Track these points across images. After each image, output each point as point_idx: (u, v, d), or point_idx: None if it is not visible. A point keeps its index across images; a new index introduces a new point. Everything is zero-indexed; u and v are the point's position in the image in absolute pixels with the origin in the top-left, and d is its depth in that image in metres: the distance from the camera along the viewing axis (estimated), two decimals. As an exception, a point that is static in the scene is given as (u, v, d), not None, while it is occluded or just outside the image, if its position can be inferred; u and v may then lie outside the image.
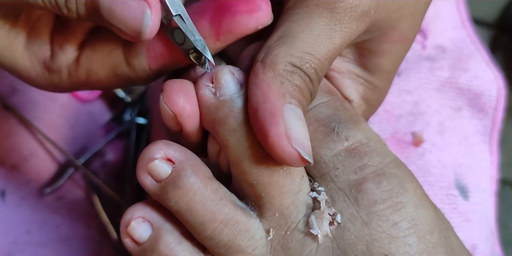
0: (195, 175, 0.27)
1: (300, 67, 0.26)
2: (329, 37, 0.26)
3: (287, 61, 0.26)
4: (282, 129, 0.24)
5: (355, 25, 0.27)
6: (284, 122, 0.24)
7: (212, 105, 0.27)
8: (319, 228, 0.27)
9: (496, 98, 0.47)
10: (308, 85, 0.26)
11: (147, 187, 0.28)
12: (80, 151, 0.47)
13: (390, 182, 0.27)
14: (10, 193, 0.44)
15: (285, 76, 0.25)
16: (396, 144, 0.44)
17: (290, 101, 0.25)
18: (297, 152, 0.24)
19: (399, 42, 0.30)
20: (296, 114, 0.25)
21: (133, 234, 0.28)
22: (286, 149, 0.24)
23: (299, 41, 0.26)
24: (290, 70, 0.26)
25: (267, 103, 0.25)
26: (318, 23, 0.26)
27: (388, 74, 0.31)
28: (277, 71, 0.25)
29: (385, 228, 0.26)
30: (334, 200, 0.27)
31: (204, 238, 0.27)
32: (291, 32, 0.27)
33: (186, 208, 0.27)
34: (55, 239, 0.44)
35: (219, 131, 0.27)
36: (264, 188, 0.27)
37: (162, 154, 0.27)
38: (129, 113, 0.49)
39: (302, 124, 0.25)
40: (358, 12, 0.27)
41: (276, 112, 0.25)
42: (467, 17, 0.51)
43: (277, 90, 0.25)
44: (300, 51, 0.26)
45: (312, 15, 0.27)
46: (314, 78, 0.26)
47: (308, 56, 0.26)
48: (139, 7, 0.25)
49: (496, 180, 0.46)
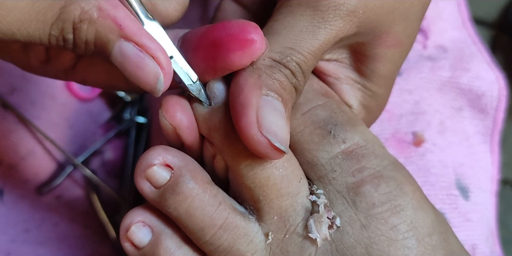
0: (194, 181, 0.27)
1: (280, 62, 0.26)
2: (312, 33, 0.27)
3: (266, 56, 0.26)
4: (252, 118, 0.24)
5: (341, 23, 0.27)
6: (256, 112, 0.24)
7: (206, 113, 0.27)
8: (318, 231, 0.26)
9: (497, 98, 0.47)
10: (290, 78, 0.26)
11: (145, 193, 0.27)
12: (79, 150, 0.47)
13: (389, 185, 0.27)
14: (8, 192, 0.44)
15: (263, 70, 0.26)
16: (397, 144, 0.44)
17: (267, 93, 0.25)
18: (267, 140, 0.24)
19: (394, 47, 0.29)
20: (272, 105, 0.25)
21: (133, 238, 0.28)
22: (255, 137, 0.24)
23: (280, 37, 0.27)
24: (269, 65, 0.26)
25: (241, 96, 0.25)
26: (300, 21, 0.27)
27: (385, 80, 0.31)
28: (256, 65, 0.26)
29: (384, 231, 0.26)
30: (333, 202, 0.27)
31: (204, 243, 0.27)
32: (273, 29, 0.27)
33: (185, 214, 0.27)
34: (53, 238, 0.44)
35: (215, 136, 0.27)
36: (262, 191, 0.27)
37: (161, 160, 0.27)
38: (129, 112, 0.49)
39: (278, 114, 0.25)
40: (343, 11, 0.27)
41: (247, 102, 0.25)
42: (468, 17, 0.51)
43: (253, 83, 0.25)
44: (281, 46, 0.26)
45: (295, 13, 0.27)
46: (297, 71, 0.26)
47: (289, 51, 0.26)
48: (152, 72, 0.24)
49: (496, 180, 0.46)
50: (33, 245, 0.43)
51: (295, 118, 0.29)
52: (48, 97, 0.47)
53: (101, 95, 0.51)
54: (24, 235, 0.43)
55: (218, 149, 0.28)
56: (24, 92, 0.46)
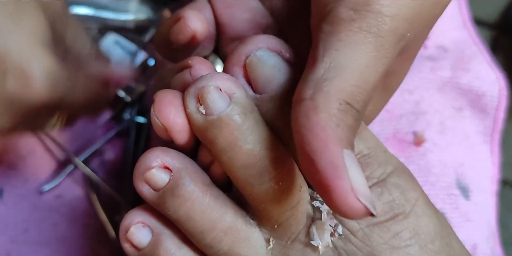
0: (194, 183, 0.26)
1: (351, 104, 0.23)
2: (375, 65, 0.24)
3: (340, 98, 0.22)
4: (347, 183, 0.21)
5: (395, 49, 0.24)
6: (347, 174, 0.21)
7: (200, 125, 0.25)
8: (320, 239, 0.26)
9: (498, 98, 0.47)
10: (358, 122, 0.23)
11: (144, 195, 0.27)
12: (79, 150, 0.47)
13: (392, 193, 0.27)
14: (8, 191, 0.44)
15: (340, 117, 0.22)
16: (398, 144, 0.44)
17: (347, 146, 0.22)
18: (364, 207, 0.21)
19: (411, 59, 0.28)
20: (354, 161, 0.22)
21: (133, 239, 0.27)
22: (354, 205, 0.21)
23: (348, 74, 0.23)
24: (344, 109, 0.22)
25: (326, 152, 0.21)
26: (364, 51, 0.23)
27: (391, 93, 0.30)
28: (332, 111, 0.22)
29: (387, 239, 0.26)
30: None
31: (204, 246, 0.27)
32: (340, 63, 0.23)
33: (185, 216, 0.26)
34: (53, 237, 0.44)
35: (211, 149, 0.26)
36: (261, 203, 0.26)
37: (159, 162, 0.26)
38: (129, 112, 0.49)
39: (361, 171, 0.22)
40: (397, 36, 0.24)
41: (338, 163, 0.21)
42: (469, 18, 0.51)
43: (334, 135, 0.22)
44: (349, 85, 0.23)
45: (357, 41, 0.24)
46: (362, 108, 0.24)
47: (357, 89, 0.23)
48: None
49: (497, 180, 0.46)
50: (32, 245, 0.43)
51: None
52: (48, 96, 0.47)
53: (101, 95, 0.51)
54: (24, 235, 0.43)
55: (215, 158, 0.27)
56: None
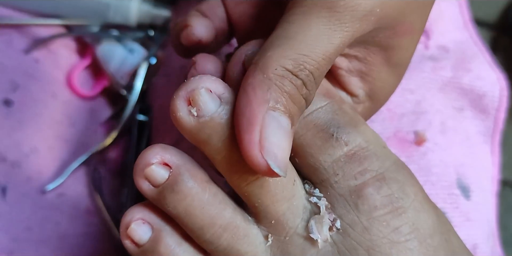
0: (193, 179, 0.27)
1: (292, 71, 0.24)
2: (328, 37, 0.25)
3: (279, 64, 0.24)
4: (256, 138, 0.23)
5: (358, 24, 0.26)
6: (260, 130, 0.23)
7: (193, 127, 0.26)
8: (319, 232, 0.26)
9: (499, 99, 0.47)
10: (301, 89, 0.25)
11: (144, 192, 0.27)
12: (81, 148, 0.47)
13: (391, 187, 0.27)
14: (11, 190, 0.44)
15: (273, 81, 0.24)
16: (399, 143, 0.44)
17: (274, 107, 0.24)
18: (267, 164, 0.23)
19: (408, 34, 0.29)
20: (277, 122, 0.24)
21: (133, 236, 0.28)
22: (255, 159, 0.23)
23: (295, 42, 0.25)
24: (281, 75, 0.24)
25: (247, 109, 0.24)
26: (316, 23, 0.25)
27: (398, 69, 0.30)
28: (267, 74, 0.24)
29: (386, 233, 0.26)
30: (334, 206, 0.27)
31: (203, 242, 0.27)
32: (288, 33, 0.25)
33: (185, 212, 0.26)
34: (55, 236, 0.44)
35: (205, 150, 0.26)
36: (257, 199, 0.27)
37: (159, 158, 0.27)
38: (131, 110, 0.49)
39: (282, 133, 0.24)
40: (360, 11, 0.25)
41: (253, 119, 0.23)
42: (469, 18, 0.52)
43: (261, 95, 0.24)
44: (295, 52, 0.25)
45: (310, 15, 0.25)
46: (309, 81, 0.25)
47: (303, 58, 0.25)
48: None
49: (497, 181, 0.47)
50: (35, 244, 0.43)
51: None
52: (50, 95, 0.47)
53: (102, 93, 0.51)
54: (26, 233, 0.43)
55: (209, 158, 0.27)
56: (26, 89, 0.46)
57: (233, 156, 0.25)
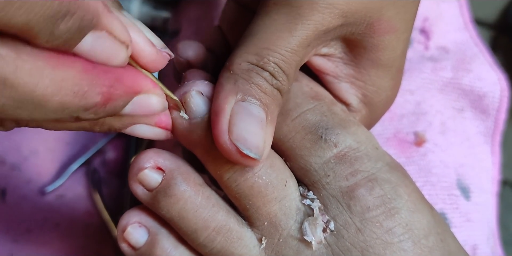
0: (186, 183, 0.27)
1: (257, 64, 0.26)
2: (289, 30, 0.26)
3: (243, 59, 0.26)
4: (224, 126, 0.24)
5: (319, 17, 0.26)
6: (228, 119, 0.24)
7: (185, 128, 0.27)
8: (313, 234, 0.26)
9: (499, 99, 0.47)
10: (270, 80, 0.26)
11: (139, 196, 0.28)
12: (81, 149, 0.47)
13: (383, 188, 0.27)
14: (11, 191, 0.44)
15: (239, 75, 0.25)
16: (399, 144, 0.44)
17: (243, 98, 0.25)
18: (236, 147, 0.24)
19: (389, 33, 0.29)
20: (247, 110, 0.25)
21: (130, 239, 0.28)
22: (224, 144, 0.24)
23: (257, 39, 0.26)
24: (246, 69, 0.25)
25: (216, 101, 0.25)
26: (276, 20, 0.26)
27: (388, 70, 0.30)
28: (233, 70, 0.26)
29: (380, 234, 0.26)
30: (327, 207, 0.27)
31: (198, 245, 0.27)
32: (251, 32, 0.27)
33: (178, 216, 0.27)
34: (55, 237, 0.44)
35: (196, 151, 0.27)
36: (248, 200, 0.27)
37: (152, 163, 0.27)
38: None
39: (252, 120, 0.25)
40: (319, 4, 0.26)
41: (219, 110, 0.25)
42: (470, 19, 0.51)
43: (228, 89, 0.25)
44: (257, 47, 0.26)
45: (271, 13, 0.26)
46: (276, 72, 0.26)
47: (266, 51, 0.26)
48: None
49: (497, 181, 0.47)
50: (35, 245, 0.43)
51: (285, 124, 0.28)
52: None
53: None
54: (26, 235, 0.43)
55: (200, 159, 0.28)
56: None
57: (222, 157, 0.26)
